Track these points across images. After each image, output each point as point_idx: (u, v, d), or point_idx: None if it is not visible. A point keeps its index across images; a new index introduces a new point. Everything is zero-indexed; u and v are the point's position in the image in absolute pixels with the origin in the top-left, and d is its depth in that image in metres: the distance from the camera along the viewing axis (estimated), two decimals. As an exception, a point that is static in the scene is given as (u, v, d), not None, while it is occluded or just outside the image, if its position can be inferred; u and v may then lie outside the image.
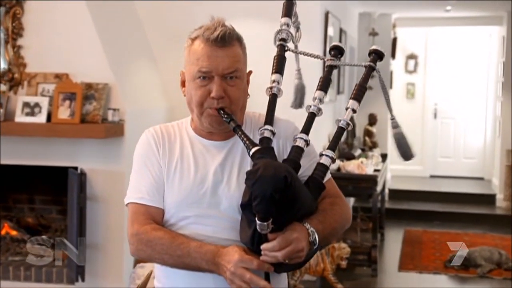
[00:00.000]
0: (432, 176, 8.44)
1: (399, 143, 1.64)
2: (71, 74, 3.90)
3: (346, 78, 6.41)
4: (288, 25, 1.69)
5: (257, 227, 1.43)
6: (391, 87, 7.77)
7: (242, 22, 4.59)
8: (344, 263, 4.37)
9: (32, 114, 3.79)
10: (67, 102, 3.75)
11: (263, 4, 4.51)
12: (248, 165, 1.62)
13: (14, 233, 4.25)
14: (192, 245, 1.54)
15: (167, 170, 1.65)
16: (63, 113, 3.76)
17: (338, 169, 4.93)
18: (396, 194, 7.37)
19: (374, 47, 1.67)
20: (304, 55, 1.72)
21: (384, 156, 6.23)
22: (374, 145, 6.89)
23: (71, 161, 3.88)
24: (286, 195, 1.40)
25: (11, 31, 3.92)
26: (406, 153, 1.64)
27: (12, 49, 3.93)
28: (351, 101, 1.65)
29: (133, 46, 4.49)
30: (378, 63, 1.69)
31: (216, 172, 1.62)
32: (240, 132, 1.57)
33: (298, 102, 1.78)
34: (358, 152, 5.93)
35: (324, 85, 1.67)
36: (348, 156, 5.39)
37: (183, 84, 1.69)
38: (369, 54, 1.68)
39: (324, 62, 1.75)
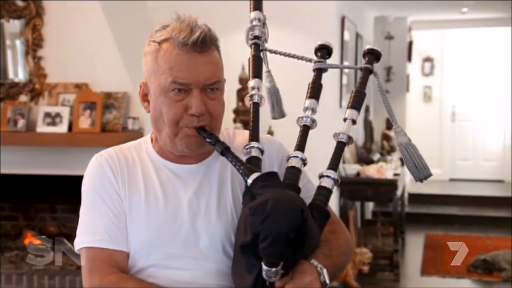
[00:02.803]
0: (451, 180, 8.37)
1: (412, 155, 1.32)
2: (91, 84, 3.93)
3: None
4: (259, 19, 1.44)
5: (264, 274, 1.14)
6: (407, 90, 7.73)
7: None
8: (366, 268, 4.36)
9: (53, 124, 3.82)
10: (88, 111, 3.78)
11: (281, 9, 4.52)
12: (228, 191, 1.35)
13: (37, 242, 4.27)
14: None
15: (129, 203, 1.34)
16: (84, 122, 3.79)
17: (358, 174, 4.91)
18: (416, 198, 7.32)
19: (368, 46, 1.40)
20: (285, 55, 1.45)
21: (402, 160, 6.18)
22: (392, 149, 6.85)
23: (92, 170, 3.89)
24: (301, 232, 1.14)
25: (32, 43, 3.96)
26: (423, 166, 1.33)
27: (32, 60, 3.97)
28: (349, 110, 1.36)
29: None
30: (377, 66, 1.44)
31: (191, 202, 1.33)
32: (231, 156, 1.28)
33: (278, 110, 1.45)
34: (376, 156, 5.91)
35: (314, 92, 1.41)
36: (367, 161, 5.37)
37: (144, 98, 1.38)
38: (364, 55, 1.40)
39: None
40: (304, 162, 1.33)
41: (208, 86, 1.31)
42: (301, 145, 1.34)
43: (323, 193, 1.29)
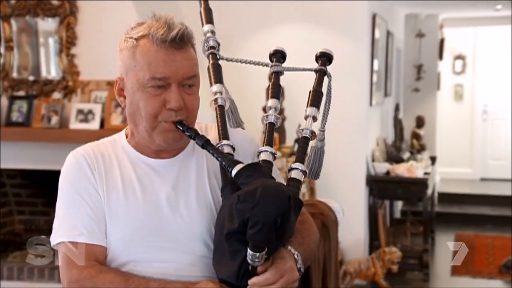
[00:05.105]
0: (482, 179, 8.24)
1: (316, 158, 1.39)
2: (123, 81, 3.98)
3: (393, 81, 6.34)
4: (213, 32, 1.48)
5: (248, 258, 1.21)
6: (438, 88, 7.64)
7: (288, 24, 4.60)
8: (395, 268, 4.32)
9: (86, 121, 3.88)
10: (119, 108, 3.83)
11: (313, 7, 4.51)
12: (206, 184, 1.39)
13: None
14: (152, 286, 1.29)
15: (107, 199, 1.36)
16: (116, 119, 3.84)
17: (387, 173, 4.87)
18: (446, 198, 7.23)
19: (321, 50, 1.47)
20: (241, 62, 1.49)
21: (433, 159, 6.13)
22: (422, 148, 6.79)
23: (124, 166, 3.94)
24: (286, 218, 1.20)
25: (65, 40, 4.03)
26: (317, 171, 1.39)
27: (66, 57, 4.04)
28: (309, 108, 1.42)
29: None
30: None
31: (169, 197, 1.36)
32: (212, 149, 1.32)
33: (235, 119, 1.47)
34: (406, 155, 5.86)
35: (276, 92, 1.47)
36: (397, 159, 5.33)
37: (120, 93, 1.42)
38: (317, 58, 1.47)
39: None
40: (274, 156, 1.39)
41: (186, 80, 1.35)
42: (269, 140, 1.40)
43: (294, 184, 1.34)
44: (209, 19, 1.51)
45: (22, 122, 4.02)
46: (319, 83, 1.44)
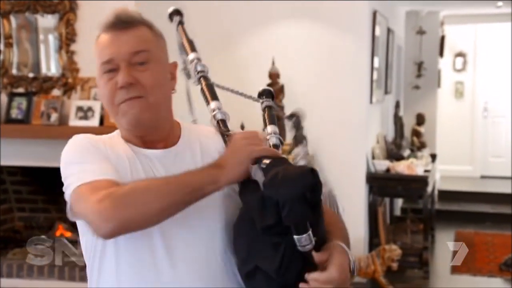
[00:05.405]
0: (482, 177, 8.23)
1: (332, 203, 1.41)
2: (122, 78, 3.97)
3: (394, 78, 6.33)
4: (198, 59, 1.50)
5: (298, 245, 1.16)
6: (439, 86, 7.63)
7: (289, 22, 4.59)
8: (395, 265, 4.32)
9: (85, 118, 3.88)
10: (119, 105, 3.83)
11: (313, 4, 4.50)
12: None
13: (68, 234, 4.34)
14: (184, 172, 1.23)
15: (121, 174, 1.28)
16: (115, 116, 3.83)
17: (387, 170, 4.87)
18: (446, 195, 7.22)
19: (263, 88, 1.52)
20: (232, 92, 1.50)
21: (433, 156, 6.13)
22: (422, 145, 6.78)
23: (123, 163, 3.94)
24: (315, 191, 1.17)
25: (65, 37, 4.02)
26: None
27: (65, 54, 4.03)
28: (269, 127, 1.41)
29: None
30: None
31: None
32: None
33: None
34: (407, 152, 5.85)
35: (272, 120, 1.44)
36: (397, 157, 5.32)
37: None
38: (260, 95, 1.49)
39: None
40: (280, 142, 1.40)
41: (134, 57, 1.31)
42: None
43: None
44: (193, 48, 1.54)
45: (21, 119, 4.02)
46: (272, 116, 1.44)
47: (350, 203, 4.20)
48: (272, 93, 1.51)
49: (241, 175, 1.25)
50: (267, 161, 1.23)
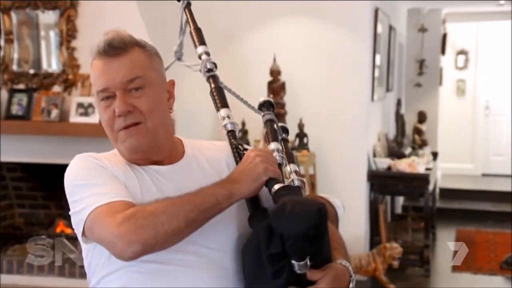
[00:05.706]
0: (484, 175, 8.22)
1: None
2: (123, 75, 3.96)
3: (395, 76, 6.32)
4: (207, 53, 1.47)
5: (296, 268, 1.23)
6: (440, 83, 7.61)
7: (290, 19, 4.57)
8: (396, 263, 4.31)
9: (86, 114, 3.87)
10: (120, 102, 3.82)
11: (315, 1, 4.48)
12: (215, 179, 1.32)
13: (69, 231, 4.34)
14: (199, 188, 1.25)
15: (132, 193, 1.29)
16: (116, 113, 3.83)
17: (389, 168, 4.86)
18: (447, 193, 7.20)
19: (263, 99, 1.50)
20: (237, 98, 1.50)
21: (434, 154, 6.11)
22: (424, 143, 6.76)
23: (124, 160, 3.94)
24: (320, 229, 1.23)
25: (65, 33, 4.01)
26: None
27: (66, 50, 4.03)
28: (273, 143, 1.41)
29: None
30: None
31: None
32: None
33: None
34: (408, 150, 5.84)
35: (275, 136, 1.44)
36: (398, 155, 5.31)
37: None
38: (261, 106, 1.49)
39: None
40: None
41: (129, 85, 1.32)
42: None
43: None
44: (201, 41, 1.50)
45: (22, 115, 4.01)
46: (274, 131, 1.45)
47: (351, 201, 4.20)
48: (273, 104, 1.51)
49: (254, 191, 1.28)
50: (277, 186, 1.27)
